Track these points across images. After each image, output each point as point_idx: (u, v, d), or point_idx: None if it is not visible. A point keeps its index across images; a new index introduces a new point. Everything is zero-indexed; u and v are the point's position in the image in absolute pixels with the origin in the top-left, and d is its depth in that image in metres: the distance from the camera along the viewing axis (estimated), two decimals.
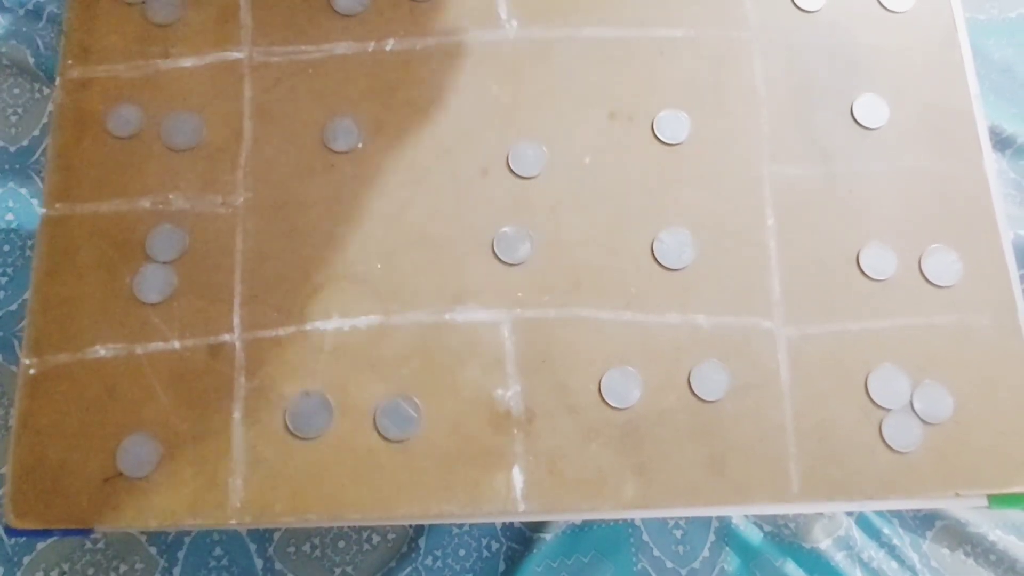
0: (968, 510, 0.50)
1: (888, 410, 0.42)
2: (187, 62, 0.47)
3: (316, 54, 0.47)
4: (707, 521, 0.50)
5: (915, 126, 0.47)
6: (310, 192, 0.45)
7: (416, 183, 0.45)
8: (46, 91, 0.63)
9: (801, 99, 0.47)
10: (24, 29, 0.64)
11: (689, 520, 0.50)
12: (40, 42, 0.64)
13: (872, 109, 0.47)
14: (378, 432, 0.41)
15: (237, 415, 0.41)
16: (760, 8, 0.49)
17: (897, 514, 0.51)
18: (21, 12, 0.65)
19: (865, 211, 0.45)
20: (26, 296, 0.52)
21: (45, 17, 0.65)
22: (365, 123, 0.46)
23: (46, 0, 0.65)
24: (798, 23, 0.48)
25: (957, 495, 0.41)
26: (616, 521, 0.50)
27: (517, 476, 0.40)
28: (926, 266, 0.44)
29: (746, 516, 0.50)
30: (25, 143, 0.61)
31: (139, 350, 0.42)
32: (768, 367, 0.42)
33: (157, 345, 0.42)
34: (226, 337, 0.42)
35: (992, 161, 0.46)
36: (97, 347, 0.42)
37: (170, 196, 0.44)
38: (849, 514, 0.50)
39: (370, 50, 0.47)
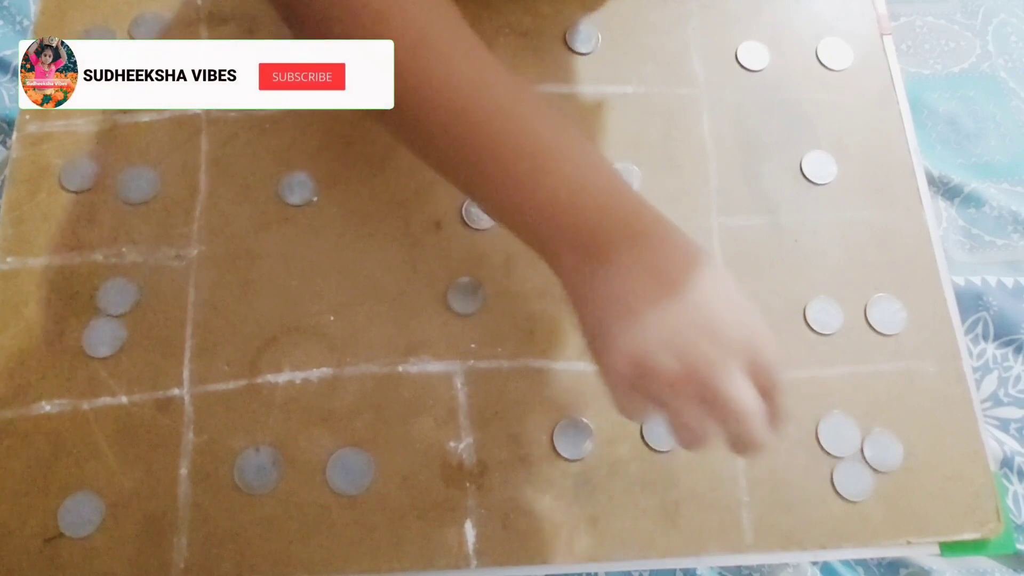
0: (932, 558, 0.50)
1: (839, 458, 0.42)
2: (145, 117, 0.47)
3: (272, 109, 0.48)
4: (672, 571, 0.49)
5: (859, 179, 0.48)
6: (264, 245, 0.45)
7: (370, 236, 0.45)
8: (9, 143, 0.63)
9: (748, 153, 0.48)
10: None
11: (653, 570, 0.49)
12: (6, 95, 0.65)
13: (820, 165, 0.48)
14: (329, 487, 0.40)
15: (184, 471, 0.40)
16: (707, 67, 0.50)
17: (862, 562, 0.50)
18: None
19: (811, 261, 0.46)
20: None
21: (11, 70, 0.66)
22: (320, 177, 0.46)
23: (13, 55, 0.65)
24: (744, 81, 0.50)
25: (908, 543, 0.41)
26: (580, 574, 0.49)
27: (469, 530, 0.40)
28: (872, 315, 0.45)
29: (711, 566, 0.49)
30: None
31: (86, 405, 0.41)
32: None
33: (104, 400, 0.41)
34: (175, 391, 0.42)
35: (932, 211, 0.48)
36: (43, 403, 0.41)
37: (123, 249, 0.44)
38: (814, 563, 0.50)
39: None
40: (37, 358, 0.42)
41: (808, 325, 0.44)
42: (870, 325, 0.45)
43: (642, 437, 0.42)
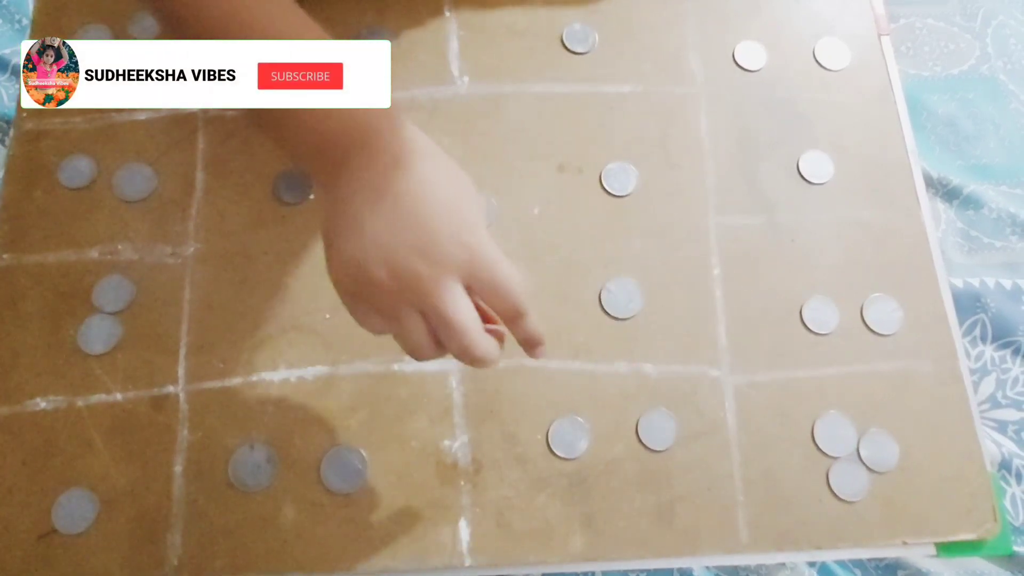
0: (928, 559, 0.50)
1: (835, 458, 0.42)
2: (142, 115, 0.47)
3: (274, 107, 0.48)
4: (668, 571, 0.49)
5: (856, 179, 0.48)
6: (260, 243, 0.45)
7: None
8: (8, 141, 0.63)
9: (745, 153, 0.48)
10: None
11: (649, 570, 0.49)
12: (5, 94, 0.65)
13: (817, 165, 0.48)
14: (323, 485, 0.40)
15: (178, 468, 0.40)
16: (705, 66, 0.50)
17: (859, 563, 0.50)
18: None
19: (808, 260, 0.46)
20: None
21: (10, 69, 0.66)
22: None
23: (12, 53, 0.66)
24: (741, 81, 0.50)
25: (905, 544, 0.41)
26: (576, 574, 0.49)
27: (463, 529, 0.40)
28: (868, 315, 0.45)
29: (707, 566, 0.49)
30: None
31: (80, 402, 0.41)
32: (716, 415, 0.42)
33: (99, 397, 0.41)
34: (170, 388, 0.42)
35: (929, 211, 0.48)
36: (37, 399, 0.41)
37: (119, 246, 0.44)
38: (811, 564, 0.50)
39: None
40: (32, 355, 0.42)
41: (804, 324, 0.44)
42: (867, 325, 0.44)
43: (638, 436, 0.42)
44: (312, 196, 0.46)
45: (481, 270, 0.30)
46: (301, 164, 0.34)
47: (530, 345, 0.33)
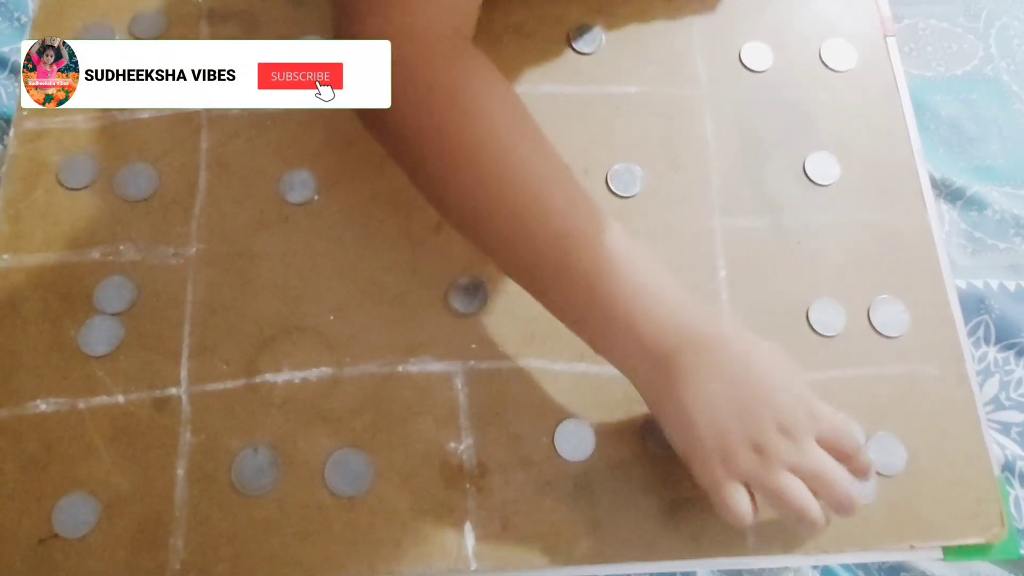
0: (934, 562, 0.49)
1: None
2: (144, 114, 0.47)
3: (272, 108, 0.48)
4: (672, 574, 0.49)
5: (862, 180, 0.48)
6: (264, 244, 0.44)
7: (371, 236, 0.45)
8: (6, 140, 0.63)
9: (751, 154, 0.48)
10: None
11: (654, 573, 0.49)
12: (3, 92, 0.65)
13: (823, 166, 0.48)
14: (327, 488, 0.40)
15: (181, 472, 0.40)
16: (710, 67, 0.50)
17: (863, 566, 0.50)
18: None
19: (814, 262, 0.46)
20: None
21: (9, 67, 0.65)
22: (321, 176, 0.46)
23: (11, 51, 0.65)
24: (747, 82, 0.50)
25: (912, 547, 0.40)
26: None
27: (469, 533, 0.40)
28: (875, 317, 0.44)
29: (712, 570, 0.49)
30: None
31: (81, 405, 0.41)
32: None
33: (101, 399, 0.41)
34: (172, 391, 0.41)
35: (935, 213, 0.47)
36: (38, 402, 0.41)
37: (121, 247, 0.44)
38: (815, 567, 0.50)
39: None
40: (33, 356, 0.42)
41: (811, 327, 0.44)
42: (873, 327, 0.44)
43: (643, 439, 0.42)
44: (317, 197, 0.46)
45: (827, 430, 0.36)
46: (618, 367, 0.37)
47: (862, 472, 0.37)
